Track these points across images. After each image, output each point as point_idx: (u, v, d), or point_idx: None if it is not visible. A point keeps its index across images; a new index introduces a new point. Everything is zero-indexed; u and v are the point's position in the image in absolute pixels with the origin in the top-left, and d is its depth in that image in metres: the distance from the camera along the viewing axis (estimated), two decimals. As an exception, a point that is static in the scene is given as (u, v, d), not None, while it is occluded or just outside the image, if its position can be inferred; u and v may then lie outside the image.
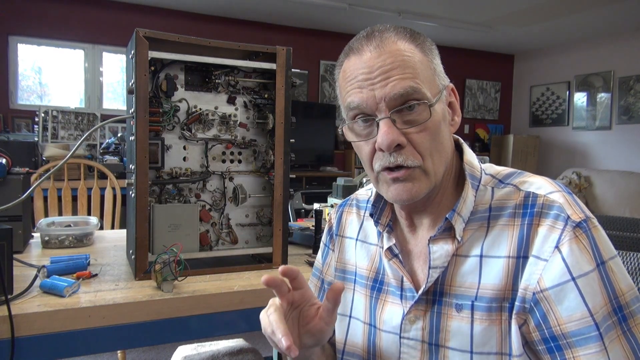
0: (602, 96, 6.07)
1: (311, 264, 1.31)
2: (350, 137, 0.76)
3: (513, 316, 0.66)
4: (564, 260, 0.64)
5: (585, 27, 5.64)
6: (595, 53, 6.12)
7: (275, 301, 0.73)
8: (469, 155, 0.78)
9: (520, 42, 6.56)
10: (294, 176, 1.29)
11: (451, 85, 0.76)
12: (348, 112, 0.74)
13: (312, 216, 2.18)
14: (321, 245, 0.98)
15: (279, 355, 1.93)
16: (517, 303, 0.66)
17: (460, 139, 0.82)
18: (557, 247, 0.64)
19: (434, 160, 0.71)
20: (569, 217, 0.66)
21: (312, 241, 1.46)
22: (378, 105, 0.70)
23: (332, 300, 0.71)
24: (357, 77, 0.71)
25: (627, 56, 5.78)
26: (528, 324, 0.66)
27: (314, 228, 1.46)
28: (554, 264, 0.64)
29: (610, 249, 0.66)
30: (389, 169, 0.71)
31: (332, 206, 1.91)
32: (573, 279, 0.63)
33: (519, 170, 0.77)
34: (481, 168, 0.77)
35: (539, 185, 0.72)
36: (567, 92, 6.48)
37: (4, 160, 1.31)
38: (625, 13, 5.07)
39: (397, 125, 0.70)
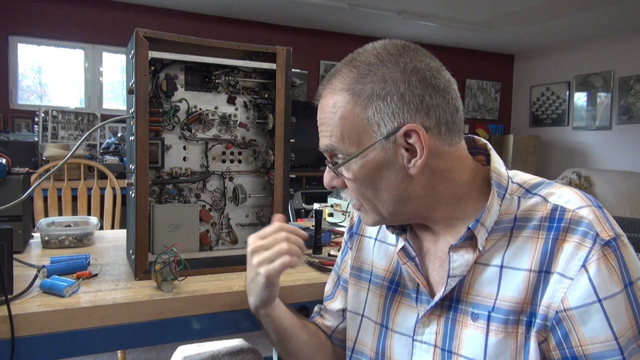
0: (602, 96, 6.07)
1: (311, 264, 1.31)
2: None
3: (533, 333, 0.65)
4: (590, 280, 0.62)
5: (585, 27, 5.64)
6: (595, 53, 6.12)
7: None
8: (497, 162, 0.75)
9: (520, 42, 6.55)
10: (294, 176, 1.29)
11: (411, 126, 0.68)
12: None
13: (312, 216, 2.18)
14: (342, 241, 1.00)
15: (279, 356, 1.93)
16: (538, 320, 0.65)
17: (488, 144, 0.79)
18: (584, 265, 0.62)
19: (373, 204, 0.75)
20: (597, 234, 0.63)
21: (312, 241, 1.46)
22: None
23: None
24: None
25: (627, 56, 5.78)
26: (549, 342, 0.65)
27: (314, 228, 1.46)
28: (580, 284, 0.62)
29: (639, 268, 0.64)
30: None
31: (332, 206, 1.91)
32: (599, 300, 0.61)
33: (548, 180, 0.74)
34: (508, 176, 0.74)
35: (567, 198, 0.69)
36: (567, 92, 6.48)
37: (4, 160, 1.30)
38: (625, 13, 5.06)
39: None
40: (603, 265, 0.62)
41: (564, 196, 0.70)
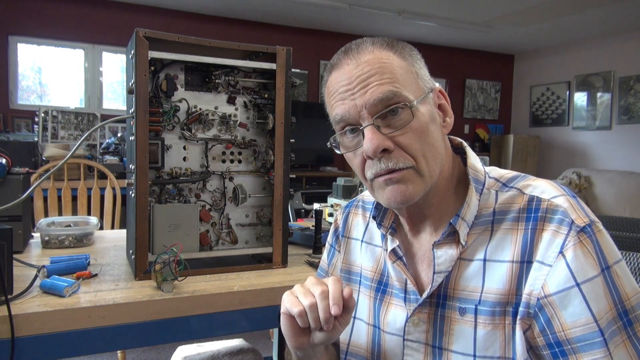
0: (602, 96, 6.07)
1: (311, 264, 1.31)
2: (340, 149, 0.77)
3: (517, 321, 0.66)
4: (568, 265, 0.63)
5: (585, 27, 5.64)
6: (595, 53, 6.12)
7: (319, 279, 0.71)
8: (473, 158, 0.78)
9: (520, 42, 6.55)
10: (294, 176, 1.29)
11: (438, 87, 0.77)
12: (335, 125, 0.75)
13: (312, 216, 2.18)
14: (327, 245, 0.98)
15: (279, 355, 1.94)
16: (521, 308, 0.66)
17: (463, 142, 0.81)
18: (561, 252, 0.64)
19: (427, 161, 0.71)
20: (573, 221, 0.65)
21: (312, 241, 1.46)
22: (360, 113, 0.71)
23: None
24: (338, 90, 0.73)
25: (627, 56, 5.78)
26: (532, 329, 0.66)
27: (314, 228, 1.46)
28: (558, 270, 0.64)
29: (615, 253, 0.66)
30: (382, 174, 0.71)
31: (332, 206, 1.91)
32: (577, 284, 0.63)
33: (523, 174, 0.77)
34: (485, 171, 0.77)
35: (542, 189, 0.71)
36: (567, 92, 6.48)
37: (4, 160, 1.30)
38: (625, 13, 5.06)
39: (382, 131, 0.70)
40: (579, 250, 0.64)
41: (539, 187, 0.72)
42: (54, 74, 5.10)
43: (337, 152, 0.78)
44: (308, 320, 0.68)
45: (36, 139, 3.38)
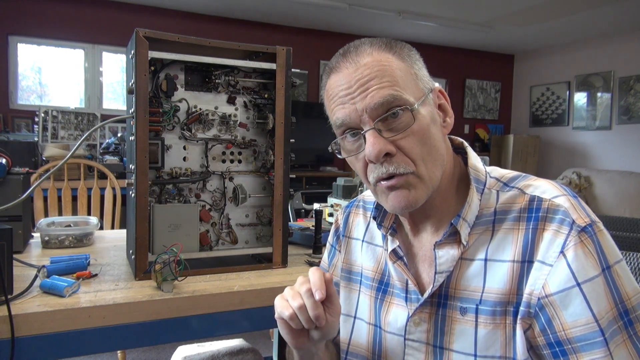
0: (602, 96, 6.07)
1: (311, 264, 1.31)
2: (342, 154, 0.77)
3: (518, 321, 0.66)
4: (569, 265, 0.63)
5: (585, 27, 5.64)
6: (595, 53, 6.12)
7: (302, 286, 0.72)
8: (474, 159, 0.78)
9: (520, 42, 6.55)
10: (294, 176, 1.29)
11: (438, 87, 0.77)
12: (336, 129, 0.75)
13: (312, 216, 2.18)
14: (327, 245, 0.98)
15: (279, 355, 1.94)
16: (522, 308, 0.66)
17: (464, 142, 0.81)
18: (562, 252, 0.64)
19: (427, 165, 0.71)
20: (574, 221, 0.65)
21: (312, 241, 1.46)
22: (361, 117, 0.71)
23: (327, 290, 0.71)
24: (338, 94, 0.73)
25: (627, 56, 5.78)
26: (533, 329, 0.66)
27: (314, 228, 1.46)
28: (559, 269, 0.64)
29: (616, 253, 0.66)
30: (384, 178, 0.71)
31: (332, 206, 1.91)
32: (578, 284, 0.63)
33: (524, 174, 0.77)
34: (486, 171, 0.77)
35: (543, 189, 0.71)
36: (567, 92, 6.48)
37: (4, 160, 1.30)
38: (625, 13, 5.06)
39: (384, 135, 0.70)
40: (580, 250, 0.64)
41: (540, 187, 0.72)
42: (54, 74, 5.10)
43: (339, 157, 0.77)
44: (301, 322, 0.69)
45: (36, 139, 3.38)
